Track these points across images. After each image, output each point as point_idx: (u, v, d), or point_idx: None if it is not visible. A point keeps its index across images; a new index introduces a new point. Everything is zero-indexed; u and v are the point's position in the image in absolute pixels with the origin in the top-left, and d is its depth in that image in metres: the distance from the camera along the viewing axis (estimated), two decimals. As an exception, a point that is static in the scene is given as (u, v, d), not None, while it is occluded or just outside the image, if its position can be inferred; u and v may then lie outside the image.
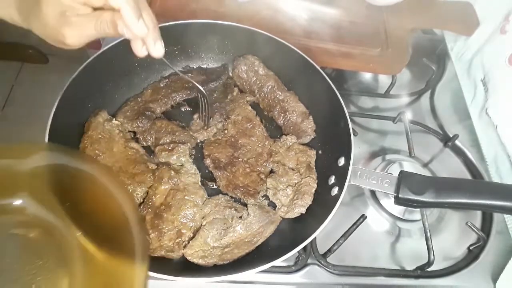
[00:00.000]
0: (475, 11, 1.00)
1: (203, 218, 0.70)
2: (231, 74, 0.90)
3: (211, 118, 0.81)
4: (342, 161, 0.72)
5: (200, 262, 0.65)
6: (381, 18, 1.01)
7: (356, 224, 0.73)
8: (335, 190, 0.69)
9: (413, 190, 0.61)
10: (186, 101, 0.86)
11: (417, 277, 0.74)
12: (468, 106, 0.99)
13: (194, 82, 0.74)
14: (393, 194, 0.64)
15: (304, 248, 0.72)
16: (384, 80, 1.03)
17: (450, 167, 0.90)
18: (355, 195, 0.84)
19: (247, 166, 0.77)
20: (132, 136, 0.79)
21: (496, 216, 0.82)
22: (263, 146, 0.80)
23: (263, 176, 0.77)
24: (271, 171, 0.79)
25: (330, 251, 0.72)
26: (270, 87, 0.85)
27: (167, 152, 0.75)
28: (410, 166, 0.84)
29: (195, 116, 0.83)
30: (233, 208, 0.71)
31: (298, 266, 0.72)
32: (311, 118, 0.83)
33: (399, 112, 0.91)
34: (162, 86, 0.85)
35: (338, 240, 0.71)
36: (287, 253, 0.60)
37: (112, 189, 0.57)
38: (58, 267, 0.52)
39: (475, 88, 0.97)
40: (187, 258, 0.66)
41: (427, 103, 1.01)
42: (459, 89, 1.02)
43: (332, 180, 0.73)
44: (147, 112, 0.80)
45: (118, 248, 0.53)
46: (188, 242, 0.67)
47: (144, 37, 0.53)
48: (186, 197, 0.70)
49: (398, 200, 0.63)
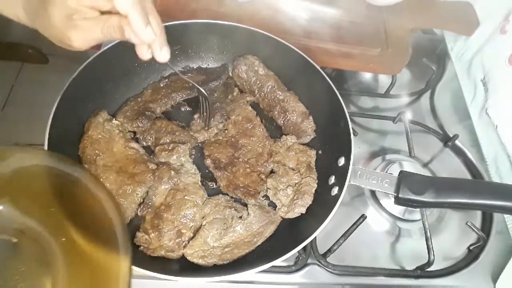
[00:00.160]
0: (475, 11, 1.00)
1: (203, 218, 0.70)
2: (231, 74, 0.90)
3: (212, 118, 0.81)
4: (342, 161, 0.72)
5: (200, 262, 0.65)
6: (381, 18, 1.01)
7: (356, 224, 0.73)
8: (335, 190, 0.69)
9: (413, 190, 0.61)
10: (186, 101, 0.86)
11: (417, 277, 0.74)
12: (468, 106, 0.99)
13: (195, 84, 0.74)
14: (393, 194, 0.64)
15: (304, 248, 0.73)
16: (384, 80, 1.03)
17: (450, 167, 0.91)
18: (355, 195, 0.84)
19: (247, 166, 0.77)
20: (132, 136, 0.79)
21: (496, 216, 0.82)
22: (263, 146, 0.80)
23: (263, 176, 0.77)
24: (272, 171, 0.79)
25: (330, 251, 0.72)
26: (270, 87, 0.85)
27: (167, 152, 0.75)
28: (410, 166, 0.84)
29: (195, 116, 0.83)
30: (233, 208, 0.71)
31: (298, 266, 0.72)
32: (311, 118, 0.83)
33: (399, 112, 0.91)
34: (162, 86, 0.85)
35: (338, 240, 0.72)
36: (287, 253, 0.60)
37: (93, 188, 0.57)
38: (41, 272, 0.52)
39: (475, 88, 0.97)
40: (187, 258, 0.66)
41: (427, 103, 1.01)
42: (459, 89, 1.02)
43: (332, 180, 0.73)
44: (147, 112, 0.80)
45: (101, 241, 0.53)
46: (188, 242, 0.67)
47: (151, 43, 0.52)
48: (186, 197, 0.70)
49: (398, 200, 0.63)
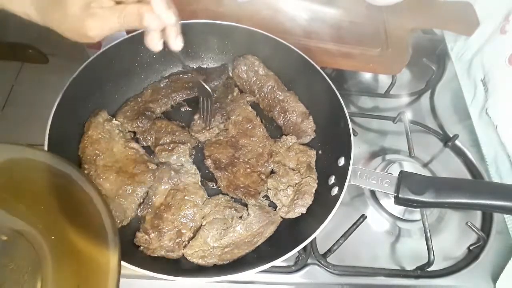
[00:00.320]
0: (475, 11, 1.00)
1: (203, 218, 0.70)
2: (231, 74, 0.90)
3: (213, 118, 0.81)
4: (342, 161, 0.72)
5: (200, 262, 0.65)
6: (381, 18, 1.01)
7: (356, 224, 0.73)
8: (335, 190, 0.69)
9: (413, 190, 0.61)
10: (186, 101, 0.86)
11: (417, 277, 0.74)
12: (468, 106, 0.99)
13: (200, 80, 0.74)
14: (393, 194, 0.64)
15: (304, 248, 0.72)
16: (384, 80, 1.03)
17: (450, 167, 0.90)
18: (355, 195, 0.84)
19: (247, 166, 0.77)
20: (132, 136, 0.79)
21: (496, 216, 0.82)
22: (263, 146, 0.80)
23: (263, 176, 0.77)
24: (272, 172, 0.79)
25: (330, 251, 0.72)
26: (270, 87, 0.85)
27: (167, 152, 0.75)
28: (410, 166, 0.84)
29: (195, 117, 0.83)
30: (233, 208, 0.71)
31: (298, 266, 0.72)
32: (311, 118, 0.83)
33: (399, 112, 0.91)
34: (162, 86, 0.85)
35: (338, 240, 0.72)
36: (287, 253, 0.60)
37: (82, 183, 0.56)
38: (31, 270, 0.51)
39: (475, 88, 0.97)
40: (187, 258, 0.66)
41: (427, 103, 1.01)
42: (459, 89, 1.02)
43: (332, 180, 0.73)
44: (147, 112, 0.80)
45: (90, 236, 0.53)
46: (188, 242, 0.67)
47: (171, 27, 0.54)
48: (186, 197, 0.70)
49: (398, 200, 0.63)
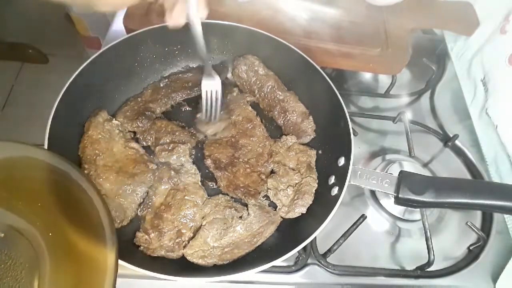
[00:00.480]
0: (475, 11, 1.00)
1: (203, 218, 0.70)
2: (231, 74, 0.90)
3: (221, 111, 0.80)
4: (342, 161, 0.72)
5: (200, 262, 0.65)
6: (381, 18, 1.01)
7: (356, 224, 0.73)
8: (335, 190, 0.69)
9: (413, 190, 0.61)
10: (186, 101, 0.86)
11: (417, 277, 0.74)
12: (468, 106, 0.99)
13: (212, 70, 0.72)
14: (393, 194, 0.64)
15: (304, 248, 0.73)
16: (384, 80, 1.03)
17: (450, 167, 0.90)
18: (355, 195, 0.84)
19: (247, 166, 0.77)
20: (132, 136, 0.79)
21: (496, 216, 0.82)
22: (263, 146, 0.80)
23: (263, 176, 0.77)
24: (272, 171, 0.79)
25: (330, 251, 0.72)
26: (270, 87, 0.85)
27: (167, 152, 0.75)
28: (410, 166, 0.84)
29: (197, 115, 0.82)
30: (233, 208, 0.71)
31: (298, 266, 0.72)
32: (311, 118, 0.83)
33: (399, 112, 0.91)
34: (162, 86, 0.85)
35: (338, 240, 0.72)
36: (287, 253, 0.60)
37: (80, 181, 0.56)
38: (28, 267, 0.51)
39: (475, 88, 0.97)
40: (187, 258, 0.66)
41: (427, 103, 1.01)
42: (459, 89, 1.02)
43: (332, 180, 0.73)
44: (147, 112, 0.80)
45: (88, 234, 0.53)
46: (188, 242, 0.67)
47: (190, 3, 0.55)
48: (186, 197, 0.70)
49: (398, 200, 0.63)
